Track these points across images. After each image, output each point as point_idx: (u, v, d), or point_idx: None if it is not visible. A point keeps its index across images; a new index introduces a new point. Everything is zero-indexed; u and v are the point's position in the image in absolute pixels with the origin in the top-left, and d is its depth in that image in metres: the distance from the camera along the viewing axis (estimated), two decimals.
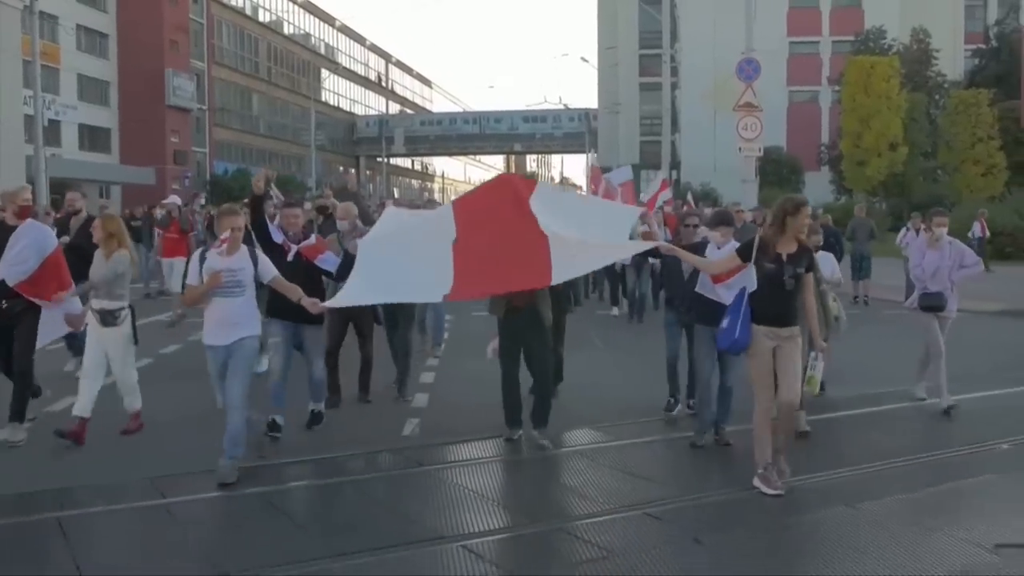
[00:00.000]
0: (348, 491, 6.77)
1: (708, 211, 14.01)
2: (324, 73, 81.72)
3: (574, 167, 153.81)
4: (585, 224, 7.16)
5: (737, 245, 7.26)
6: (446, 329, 12.85)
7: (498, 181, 8.01)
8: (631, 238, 8.12)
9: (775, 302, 6.41)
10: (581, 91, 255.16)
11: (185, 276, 8.81)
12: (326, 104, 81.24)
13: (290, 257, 7.87)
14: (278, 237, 7.98)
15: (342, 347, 9.40)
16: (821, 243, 9.18)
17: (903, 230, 17.57)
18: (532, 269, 6.89)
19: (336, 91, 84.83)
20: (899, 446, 7.94)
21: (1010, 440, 7.89)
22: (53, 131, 45.56)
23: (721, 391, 7.79)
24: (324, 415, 8.41)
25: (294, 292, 7.08)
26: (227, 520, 6.22)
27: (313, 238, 8.35)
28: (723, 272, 7.01)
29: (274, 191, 16.71)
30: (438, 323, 12.35)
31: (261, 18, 72.98)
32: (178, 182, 54.66)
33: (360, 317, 9.10)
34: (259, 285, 7.14)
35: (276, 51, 74.87)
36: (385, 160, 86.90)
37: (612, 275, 16.40)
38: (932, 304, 9.05)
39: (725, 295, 7.11)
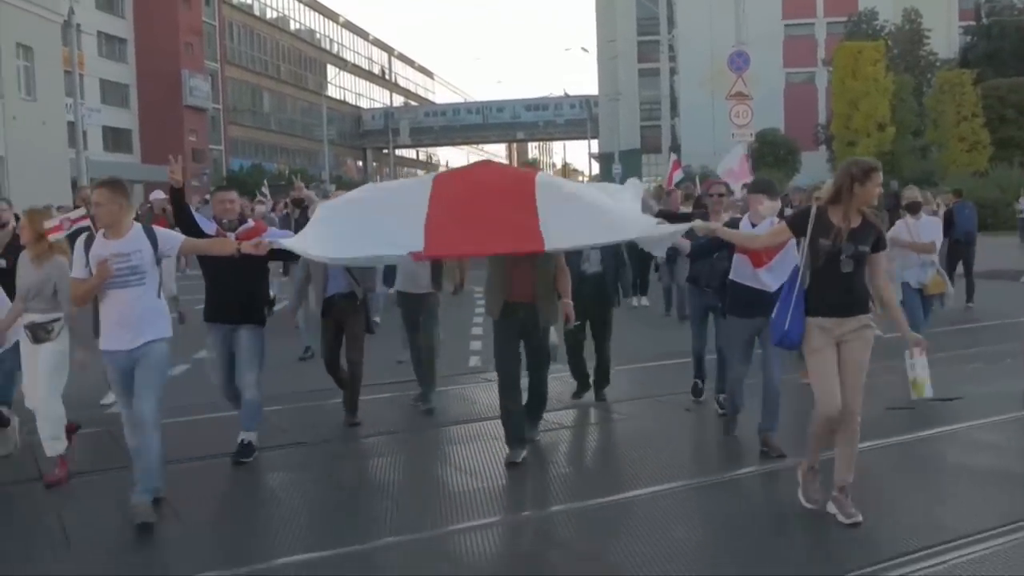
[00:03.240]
0: None
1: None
2: (330, 69, 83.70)
3: (576, 153, 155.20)
4: (591, 198, 6.43)
5: (776, 220, 6.44)
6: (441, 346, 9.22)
7: (485, 165, 7.04)
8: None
9: (831, 287, 5.26)
10: (583, 80, 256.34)
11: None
12: (332, 99, 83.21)
13: (215, 237, 6.68)
14: (209, 227, 6.78)
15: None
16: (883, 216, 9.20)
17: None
18: (521, 230, 5.97)
19: (342, 86, 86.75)
20: None
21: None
22: (73, 133, 47.62)
23: (766, 392, 6.64)
24: (255, 448, 6.89)
25: (222, 245, 6.19)
26: None
27: (250, 222, 7.27)
28: (772, 246, 6.05)
29: (264, 190, 15.02)
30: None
31: (268, 17, 74.94)
32: (197, 179, 56.68)
33: (348, 319, 7.78)
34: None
35: (283, 49, 76.82)
36: (391, 152, 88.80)
37: (637, 266, 14.24)
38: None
39: (769, 280, 6.32)
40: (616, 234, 6.36)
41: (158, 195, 16.48)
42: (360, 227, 6.04)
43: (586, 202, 6.25)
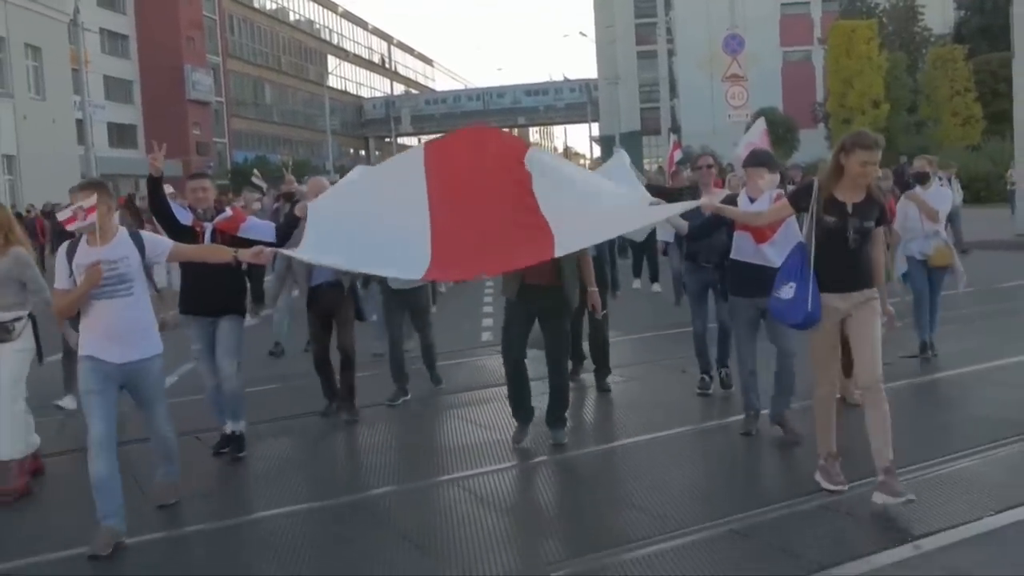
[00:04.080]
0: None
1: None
2: (331, 59, 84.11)
3: (577, 137, 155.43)
4: (585, 187, 6.18)
5: (775, 194, 6.35)
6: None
7: (474, 137, 6.44)
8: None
9: (837, 263, 5.18)
10: (582, 64, 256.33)
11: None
12: (333, 89, 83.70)
13: (206, 240, 6.45)
14: (185, 218, 6.56)
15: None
16: (890, 187, 8.83)
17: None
18: (529, 236, 5.71)
19: (343, 75, 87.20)
20: None
21: None
22: (81, 131, 48.30)
23: (779, 368, 6.48)
24: (245, 439, 6.80)
25: (217, 253, 5.79)
26: None
27: (229, 210, 6.90)
28: (776, 222, 5.93)
29: (257, 179, 14.61)
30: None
31: (268, 9, 75.42)
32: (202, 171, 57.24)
33: (336, 309, 7.62)
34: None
35: (284, 41, 77.32)
36: (394, 140, 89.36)
37: (637, 247, 14.90)
38: None
39: (773, 256, 6.10)
40: (621, 226, 6.29)
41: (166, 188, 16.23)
42: (360, 239, 5.72)
43: (584, 193, 6.01)
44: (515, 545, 5.00)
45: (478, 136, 6.43)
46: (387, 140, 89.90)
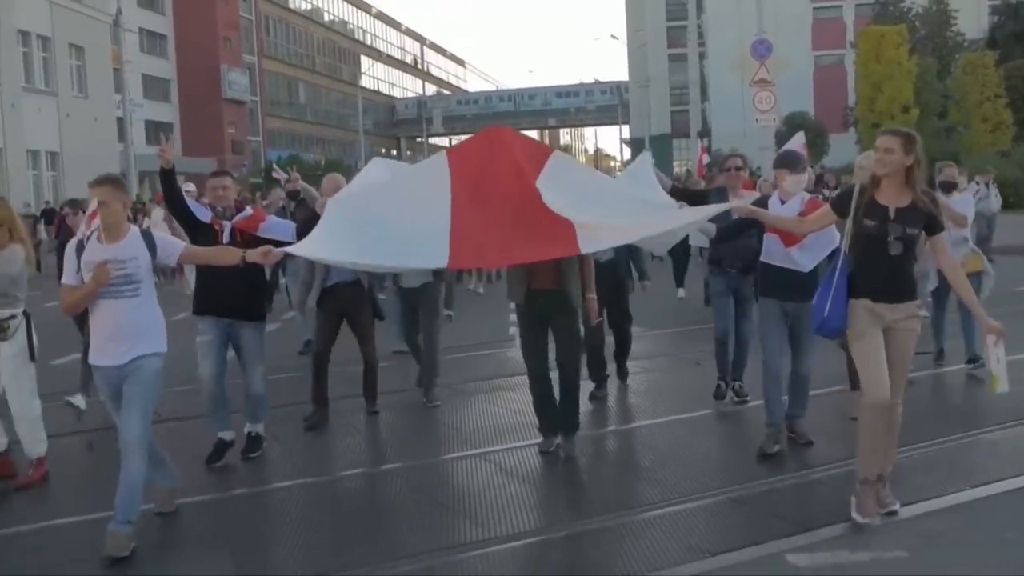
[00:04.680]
0: None
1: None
2: (364, 59, 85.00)
3: (608, 139, 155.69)
4: (607, 192, 6.20)
5: (807, 198, 6.23)
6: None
7: (496, 137, 6.28)
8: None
9: (876, 270, 4.89)
10: (613, 66, 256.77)
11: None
12: (366, 89, 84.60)
13: (225, 238, 6.33)
14: (204, 215, 6.47)
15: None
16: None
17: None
18: (555, 236, 5.65)
19: (375, 76, 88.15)
20: None
21: None
22: (121, 128, 49.38)
23: (794, 379, 6.36)
24: (264, 439, 6.79)
25: (227, 255, 5.58)
26: None
27: (249, 209, 6.82)
28: (817, 228, 5.49)
29: (277, 171, 15.36)
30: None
31: (303, 8, 76.43)
32: (236, 171, 58.25)
33: (355, 310, 7.53)
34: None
35: (318, 41, 78.29)
36: (425, 140, 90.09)
37: (676, 254, 14.40)
38: None
39: (802, 260, 5.99)
40: (646, 230, 6.09)
41: (188, 187, 15.87)
42: (378, 233, 5.60)
43: (606, 197, 6.03)
44: (535, 509, 5.61)
45: (500, 136, 6.28)
46: (419, 140, 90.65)
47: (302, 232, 6.15)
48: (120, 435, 5.00)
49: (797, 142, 13.91)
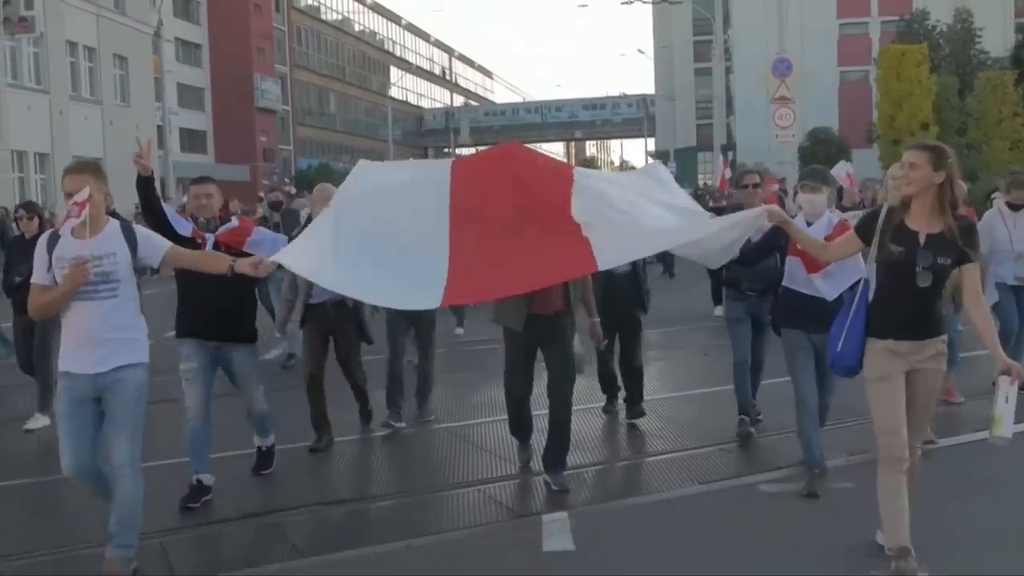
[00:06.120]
0: None
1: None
2: (393, 70, 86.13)
3: (633, 151, 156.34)
4: (631, 200, 5.58)
5: (839, 217, 5.84)
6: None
7: (508, 154, 5.93)
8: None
9: (902, 302, 4.43)
10: (639, 79, 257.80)
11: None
12: (395, 99, 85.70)
13: (208, 250, 5.74)
14: (184, 227, 5.88)
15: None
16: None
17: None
18: (568, 256, 5.20)
19: (404, 86, 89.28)
20: None
21: None
22: (160, 136, 50.63)
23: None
24: (275, 455, 6.53)
25: (215, 260, 5.03)
26: None
27: (234, 220, 6.30)
28: (841, 257, 4.98)
29: (287, 184, 14.71)
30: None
31: (333, 20, 77.71)
32: (267, 178, 59.39)
33: (340, 331, 7.16)
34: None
35: (348, 52, 79.51)
36: (452, 151, 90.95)
37: (715, 273, 12.63)
38: None
39: (825, 288, 5.58)
40: (672, 239, 5.63)
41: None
42: (370, 258, 5.07)
43: (630, 208, 5.48)
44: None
45: (511, 153, 5.95)
46: (446, 150, 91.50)
47: None
48: (109, 458, 4.56)
49: (841, 171, 14.35)
